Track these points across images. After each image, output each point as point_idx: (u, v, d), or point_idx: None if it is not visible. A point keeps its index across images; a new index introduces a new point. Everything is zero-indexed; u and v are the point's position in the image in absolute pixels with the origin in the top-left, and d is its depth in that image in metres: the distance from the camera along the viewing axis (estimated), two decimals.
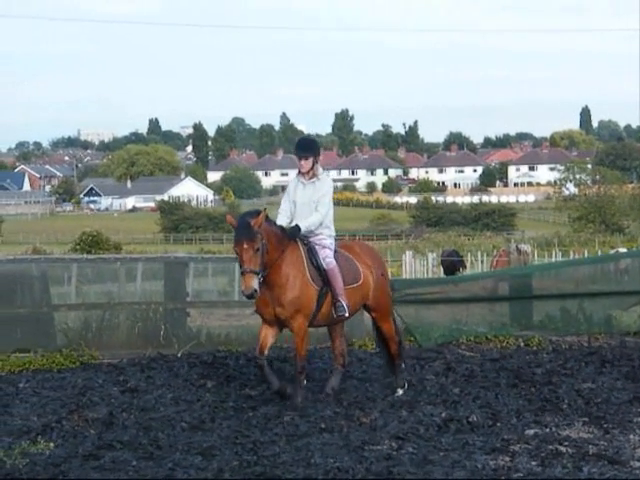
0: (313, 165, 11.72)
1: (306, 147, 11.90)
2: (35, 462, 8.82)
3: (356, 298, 11.84)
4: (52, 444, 7.30)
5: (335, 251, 11.72)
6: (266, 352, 11.45)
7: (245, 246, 10.85)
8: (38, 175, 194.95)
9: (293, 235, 11.40)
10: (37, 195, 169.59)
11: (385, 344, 12.48)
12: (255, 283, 10.82)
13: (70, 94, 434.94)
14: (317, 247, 11.55)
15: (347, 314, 11.69)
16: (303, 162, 11.71)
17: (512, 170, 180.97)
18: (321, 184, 11.72)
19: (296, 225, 11.47)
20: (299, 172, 11.80)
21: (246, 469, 8.81)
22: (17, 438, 9.84)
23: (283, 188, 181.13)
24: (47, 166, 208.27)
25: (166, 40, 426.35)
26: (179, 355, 14.78)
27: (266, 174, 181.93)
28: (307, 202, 11.62)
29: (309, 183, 11.70)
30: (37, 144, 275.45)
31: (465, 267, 39.01)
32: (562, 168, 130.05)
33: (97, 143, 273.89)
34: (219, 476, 8.55)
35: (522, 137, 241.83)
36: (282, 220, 11.63)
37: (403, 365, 12.53)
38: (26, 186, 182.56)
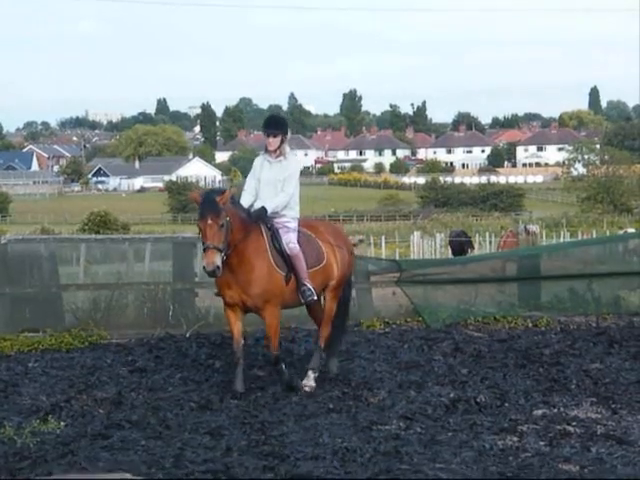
0: (281, 143, 11.42)
1: (275, 124, 11.57)
2: (44, 441, 8.85)
3: (320, 280, 11.50)
4: (62, 423, 7.34)
5: (297, 231, 11.40)
6: (242, 341, 11.17)
7: (209, 222, 10.55)
8: (46, 155, 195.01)
9: (259, 217, 11.08)
10: (45, 175, 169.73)
11: (320, 323, 11.93)
12: (218, 260, 10.51)
13: (78, 74, 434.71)
14: (281, 230, 11.23)
15: (315, 297, 11.39)
16: (271, 139, 11.39)
17: (520, 150, 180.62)
18: (288, 163, 11.43)
19: (262, 207, 11.13)
20: (265, 150, 11.47)
21: (254, 448, 8.84)
22: (26, 417, 9.87)
23: None
24: (55, 146, 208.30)
25: (173, 20, 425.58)
26: (187, 335, 14.81)
27: None
28: (272, 181, 11.31)
29: (275, 162, 11.40)
30: (45, 124, 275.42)
31: (473, 248, 38.99)
32: (570, 148, 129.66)
33: (105, 123, 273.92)
34: (228, 455, 8.57)
35: (530, 117, 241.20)
36: (247, 198, 11.31)
37: (323, 354, 11.86)
38: (34, 166, 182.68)
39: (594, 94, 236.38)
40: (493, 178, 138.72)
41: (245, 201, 11.29)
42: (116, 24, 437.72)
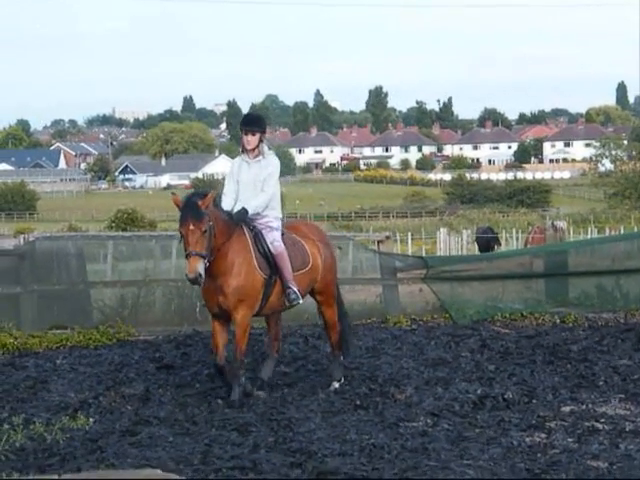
0: (259, 142, 10.96)
1: (253, 122, 11.12)
2: (73, 437, 8.88)
3: (305, 283, 11.08)
4: (91, 420, 7.37)
5: (282, 233, 11.02)
6: (224, 355, 10.57)
7: (191, 227, 10.09)
8: (73, 153, 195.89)
9: (240, 219, 10.65)
10: (72, 173, 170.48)
11: (327, 332, 11.76)
12: (200, 267, 10.04)
13: (105, 72, 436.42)
14: (264, 230, 10.82)
15: (301, 301, 11.02)
16: (250, 137, 10.92)
17: (547, 146, 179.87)
18: (267, 163, 10.98)
19: (243, 208, 10.70)
20: (243, 150, 11.04)
21: (281, 445, 8.84)
22: (55, 414, 9.92)
23: (317, 165, 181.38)
24: (82, 144, 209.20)
25: (200, 17, 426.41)
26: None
27: (300, 151, 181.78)
28: (252, 182, 10.88)
29: (254, 162, 10.95)
30: (72, 122, 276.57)
31: (500, 244, 38.86)
32: (598, 144, 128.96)
33: (132, 121, 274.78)
34: (255, 452, 8.58)
35: (557, 113, 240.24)
36: (227, 202, 10.87)
37: (342, 357, 11.65)
38: (62, 164, 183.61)
39: (621, 90, 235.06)
40: (520, 174, 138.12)
41: (226, 204, 10.87)
42: (143, 22, 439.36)
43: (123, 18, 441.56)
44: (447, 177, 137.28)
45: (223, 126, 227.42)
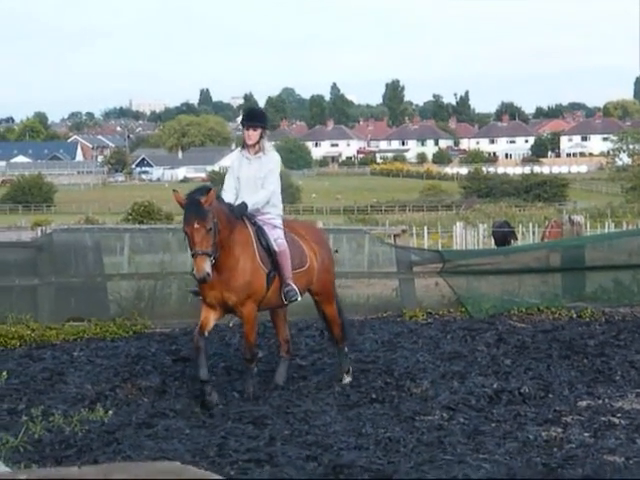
0: (260, 138, 10.80)
1: (254, 117, 10.99)
2: (90, 429, 8.92)
3: (302, 283, 10.94)
4: (110, 412, 7.41)
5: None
6: (206, 333, 10.52)
7: (196, 226, 9.94)
8: (90, 145, 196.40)
9: (240, 213, 10.51)
10: (89, 165, 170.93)
11: (329, 327, 11.73)
12: (208, 266, 9.94)
13: (122, 65, 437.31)
14: (266, 227, 10.73)
15: (299, 298, 10.87)
16: (251, 132, 10.76)
17: (564, 140, 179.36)
18: (268, 159, 10.84)
19: (243, 202, 10.57)
20: (244, 146, 10.92)
21: (297, 438, 8.86)
22: (72, 406, 9.96)
23: (333, 159, 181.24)
24: (99, 136, 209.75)
25: (216, 9, 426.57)
26: (230, 325, 14.85)
27: (316, 145, 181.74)
28: (252, 178, 10.74)
29: (255, 158, 10.79)
30: (89, 114, 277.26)
31: (516, 239, 38.78)
32: (615, 138, 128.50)
33: (149, 113, 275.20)
34: (271, 445, 8.60)
35: (575, 107, 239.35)
36: (227, 198, 10.67)
37: (346, 349, 11.63)
38: (79, 156, 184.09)
39: (639, 83, 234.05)
40: (537, 168, 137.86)
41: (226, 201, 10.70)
42: (160, 14, 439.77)
43: (141, 10, 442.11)
44: (464, 171, 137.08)
45: (240, 119, 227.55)
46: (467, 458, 8.11)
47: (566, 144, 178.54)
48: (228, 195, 10.74)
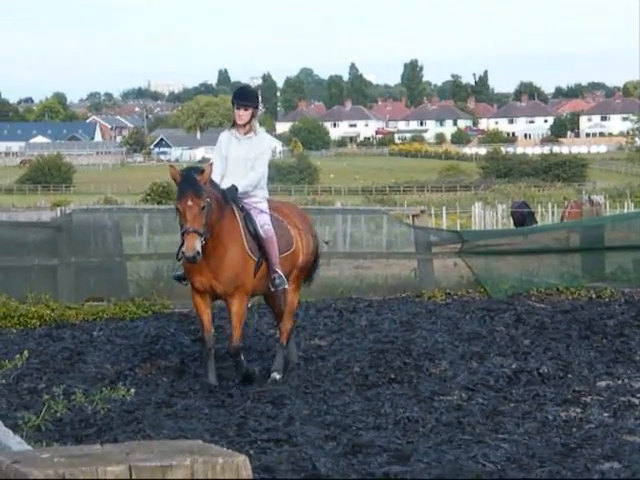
0: (251, 118, 10.48)
1: (246, 96, 10.65)
2: (109, 409, 8.97)
3: (287, 267, 10.69)
4: (132, 390, 7.46)
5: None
6: (212, 330, 10.39)
7: (190, 203, 9.63)
8: (109, 126, 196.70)
9: (231, 197, 10.22)
10: (108, 146, 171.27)
11: (280, 318, 11.10)
12: (198, 245, 9.61)
13: (141, 45, 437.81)
14: (252, 211, 10.43)
15: (286, 286, 10.59)
16: (242, 112, 10.41)
17: (584, 120, 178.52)
18: (259, 140, 10.55)
19: (233, 185, 10.26)
20: (233, 124, 10.59)
21: (316, 418, 8.88)
22: (92, 385, 10.01)
23: (351, 139, 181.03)
24: (118, 117, 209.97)
25: None
26: (249, 305, 14.87)
27: (334, 125, 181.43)
28: (242, 159, 10.42)
29: (245, 138, 10.47)
30: (108, 95, 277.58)
31: (536, 221, 38.65)
32: (635, 118, 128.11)
33: (167, 94, 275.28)
34: (290, 424, 8.62)
35: (594, 87, 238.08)
36: (213, 178, 10.25)
37: (286, 352, 10.95)
38: (97, 137, 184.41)
39: None
40: (556, 148, 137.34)
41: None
42: None
43: None
44: (482, 151, 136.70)
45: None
46: (486, 438, 8.12)
47: (585, 124, 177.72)
48: (214, 176, 10.29)
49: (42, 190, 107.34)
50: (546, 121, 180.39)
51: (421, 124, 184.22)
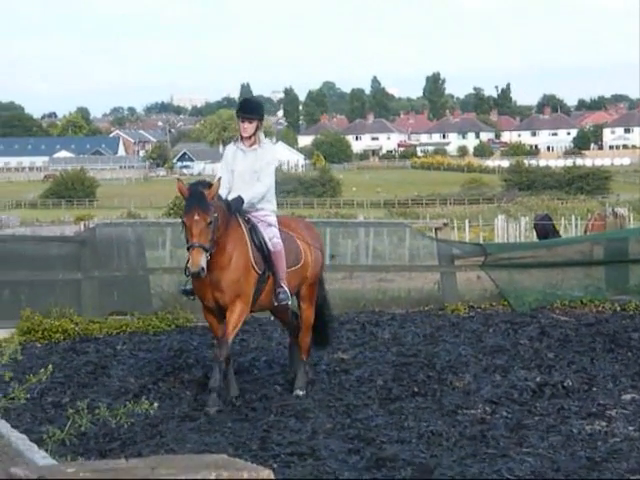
0: (256, 130, 10.40)
1: (251, 109, 10.55)
2: (133, 422, 8.98)
3: (296, 281, 10.55)
4: (155, 404, 7.47)
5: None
6: (229, 348, 10.08)
7: (196, 217, 9.53)
8: (132, 140, 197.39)
9: (236, 208, 10.06)
10: (131, 160, 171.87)
11: (296, 333, 10.99)
12: (203, 260, 9.49)
13: (163, 60, 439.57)
14: (260, 225, 10.28)
15: (290, 301, 10.46)
16: (247, 125, 10.35)
17: (607, 132, 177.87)
18: (264, 152, 10.42)
19: (239, 196, 10.12)
20: (239, 138, 10.49)
21: (340, 431, 8.86)
22: (115, 399, 10.03)
23: (374, 152, 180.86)
24: (141, 131, 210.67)
25: (256, 4, 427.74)
26: (272, 318, 14.87)
27: (357, 138, 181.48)
28: (248, 171, 10.31)
29: (250, 151, 10.36)
30: (131, 109, 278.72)
31: (558, 233, 38.51)
32: None
33: (190, 108, 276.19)
34: (313, 438, 8.61)
35: (617, 99, 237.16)
36: (221, 193, 10.09)
37: (307, 367, 10.87)
38: (121, 151, 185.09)
39: None
40: (579, 161, 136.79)
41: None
42: (200, 8, 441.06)
43: (181, 4, 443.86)
44: (505, 164, 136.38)
45: (280, 113, 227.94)
46: (510, 452, 8.08)
47: (609, 136, 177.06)
48: (221, 189, 10.12)
49: (66, 204, 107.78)
50: (569, 133, 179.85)
51: (443, 137, 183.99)
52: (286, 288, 10.26)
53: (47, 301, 14.66)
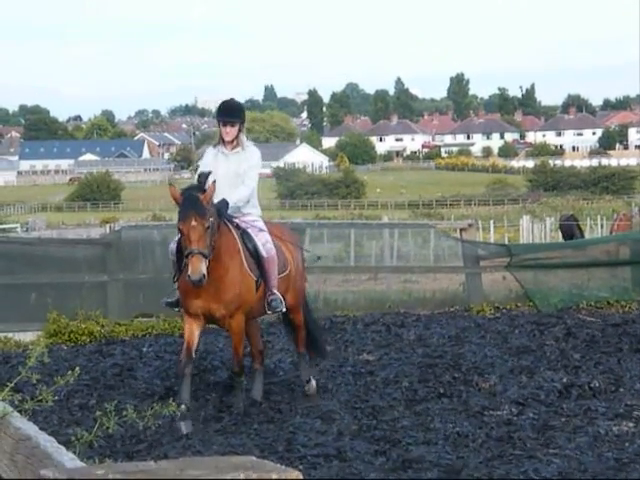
0: (238, 133, 10.09)
1: (232, 111, 10.21)
2: (160, 424, 9.00)
3: (283, 288, 10.21)
4: (182, 406, 7.48)
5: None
6: (193, 354, 9.68)
7: (194, 223, 9.16)
8: (157, 143, 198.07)
9: (220, 212, 9.60)
10: (156, 163, 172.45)
11: (294, 334, 11.01)
12: (204, 267, 9.09)
13: (187, 62, 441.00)
14: (251, 230, 9.97)
15: (284, 309, 10.13)
16: (229, 129, 10.03)
17: (632, 132, 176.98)
18: (248, 154, 10.10)
19: (223, 199, 9.67)
20: (221, 141, 10.14)
21: (366, 433, 8.86)
22: (142, 401, 10.06)
23: (398, 153, 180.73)
24: (165, 134, 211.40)
25: (277, 6, 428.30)
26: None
27: (380, 139, 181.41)
28: (232, 174, 9.93)
29: (232, 154, 10.04)
30: (156, 112, 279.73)
31: (583, 233, 38.36)
32: None
33: (214, 110, 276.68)
34: (339, 440, 8.61)
35: None
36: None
37: (308, 357, 10.91)
38: (145, 154, 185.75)
39: None
40: (604, 161, 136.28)
41: None
42: (224, 11, 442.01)
43: (208, 6, 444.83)
44: (530, 164, 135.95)
45: (304, 115, 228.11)
46: (537, 453, 8.06)
47: (634, 136, 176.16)
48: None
49: (91, 207, 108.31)
50: (594, 133, 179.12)
51: (468, 137, 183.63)
52: (279, 295, 9.98)
53: (73, 304, 14.73)
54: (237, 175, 10.00)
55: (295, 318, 10.81)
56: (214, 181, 9.45)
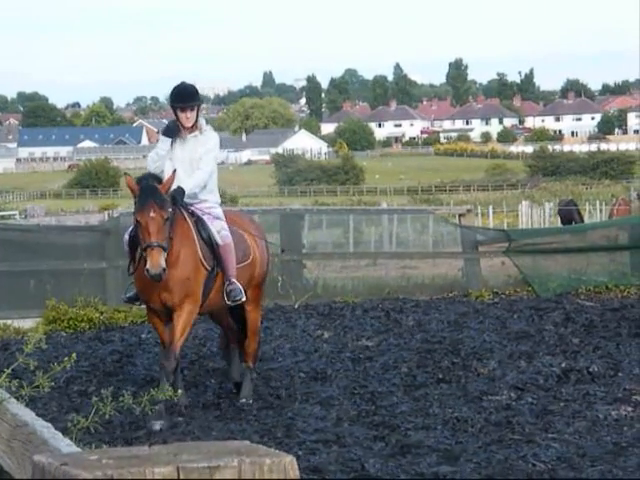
0: (197, 117, 9.71)
1: (187, 96, 9.71)
2: (156, 410, 9.00)
3: (245, 278, 9.73)
4: (180, 391, 7.47)
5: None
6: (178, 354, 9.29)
7: (152, 214, 8.77)
8: (156, 129, 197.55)
9: (176, 200, 9.18)
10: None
11: (240, 339, 10.13)
12: (163, 260, 8.72)
13: (185, 49, 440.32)
14: (206, 217, 9.49)
15: (244, 298, 9.53)
16: (188, 114, 9.58)
17: (631, 117, 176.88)
18: (205, 138, 9.66)
19: (179, 187, 9.21)
20: (178, 128, 9.67)
21: (364, 418, 8.87)
22: (141, 387, 10.06)
23: (397, 139, 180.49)
24: (164, 120, 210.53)
25: None
26: (296, 306, 14.91)
27: (379, 125, 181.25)
28: (187, 159, 9.51)
29: (190, 137, 9.58)
30: (154, 99, 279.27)
31: (582, 218, 38.36)
32: None
33: (212, 97, 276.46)
34: (338, 425, 8.62)
35: None
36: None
37: (254, 374, 10.16)
38: (144, 140, 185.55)
39: None
40: (603, 146, 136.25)
41: None
42: None
43: None
44: (529, 149, 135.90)
45: (303, 101, 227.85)
46: (536, 438, 8.07)
47: (633, 121, 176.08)
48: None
49: (90, 194, 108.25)
50: (593, 118, 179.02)
51: (467, 123, 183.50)
52: (238, 284, 9.48)
53: (72, 290, 14.74)
54: (194, 160, 9.55)
55: (251, 315, 10.03)
56: (174, 170, 9.13)
